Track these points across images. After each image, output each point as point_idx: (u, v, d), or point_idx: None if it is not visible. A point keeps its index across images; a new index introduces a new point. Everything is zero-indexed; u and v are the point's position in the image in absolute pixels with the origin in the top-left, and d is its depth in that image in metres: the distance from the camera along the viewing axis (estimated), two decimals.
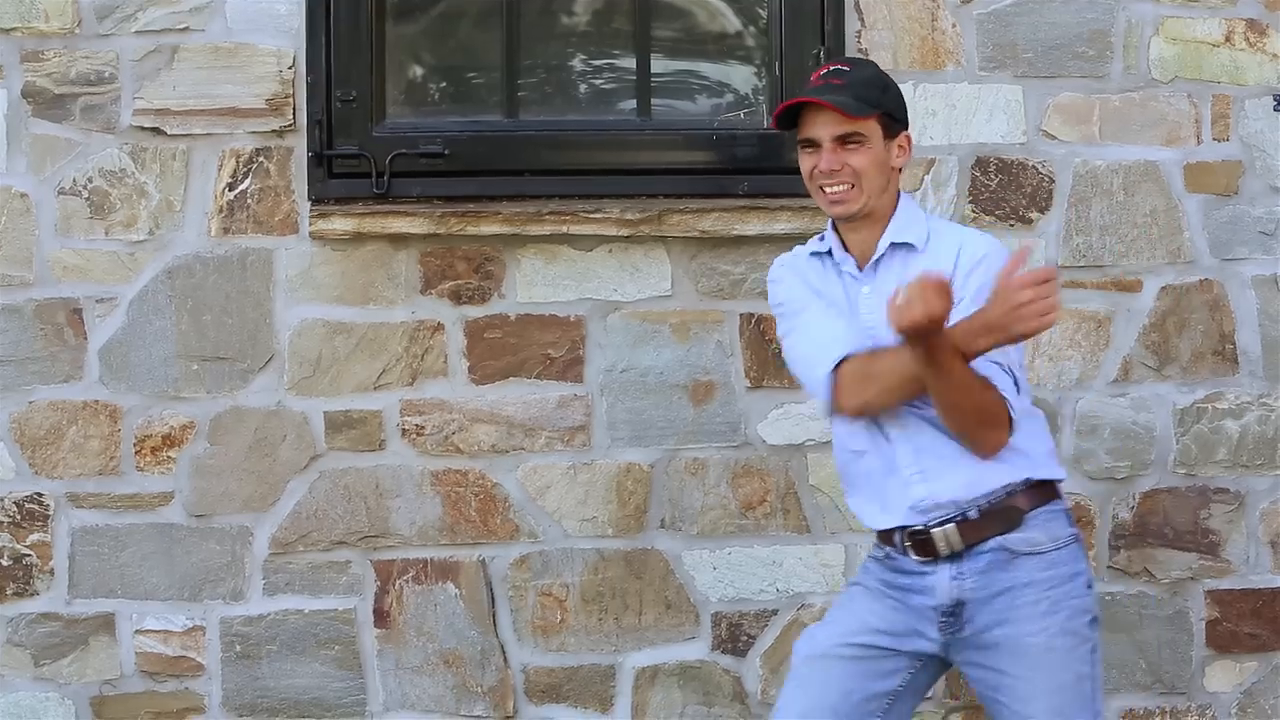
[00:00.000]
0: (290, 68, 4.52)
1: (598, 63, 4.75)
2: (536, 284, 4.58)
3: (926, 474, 3.59)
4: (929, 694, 4.48)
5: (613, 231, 4.55)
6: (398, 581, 4.59)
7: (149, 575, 4.56)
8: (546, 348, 4.58)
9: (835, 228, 3.70)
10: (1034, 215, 4.67)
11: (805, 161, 3.62)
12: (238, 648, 4.58)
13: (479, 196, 4.55)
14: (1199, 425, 4.74)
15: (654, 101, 4.69)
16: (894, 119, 3.62)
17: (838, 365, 3.54)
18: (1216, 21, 4.70)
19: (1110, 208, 4.69)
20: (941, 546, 3.59)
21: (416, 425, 4.57)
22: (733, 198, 4.57)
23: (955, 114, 4.64)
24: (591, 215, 4.54)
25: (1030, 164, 4.66)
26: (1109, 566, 4.73)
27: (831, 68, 3.67)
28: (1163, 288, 4.71)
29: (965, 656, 3.63)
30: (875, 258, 3.64)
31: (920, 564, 3.62)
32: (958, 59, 4.64)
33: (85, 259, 4.52)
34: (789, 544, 4.65)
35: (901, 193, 3.69)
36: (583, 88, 4.77)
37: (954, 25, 4.64)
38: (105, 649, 4.56)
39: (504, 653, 4.62)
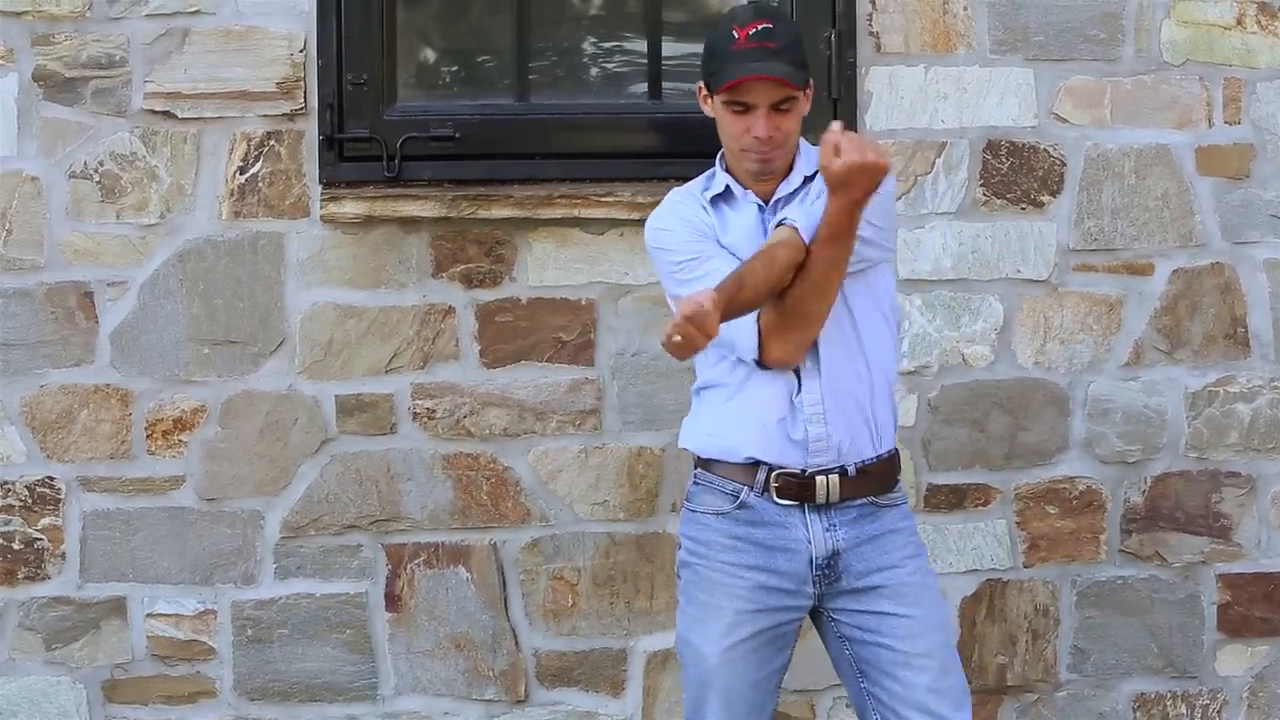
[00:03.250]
0: (301, 51, 4.51)
1: (609, 45, 4.75)
2: (548, 267, 4.58)
3: (827, 415, 3.59)
4: None
5: (624, 215, 4.55)
6: (409, 565, 4.59)
7: (160, 559, 4.56)
8: (558, 331, 4.58)
9: (728, 168, 3.68)
10: (1045, 199, 4.66)
11: (734, 123, 3.58)
12: (249, 631, 4.58)
13: (490, 180, 4.55)
14: (1210, 409, 4.73)
15: (665, 85, 4.68)
16: (808, 75, 3.62)
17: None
18: (1228, 4, 4.69)
19: (1121, 191, 4.69)
20: (820, 495, 3.59)
21: (428, 409, 4.57)
22: None
23: (966, 97, 4.64)
24: (603, 198, 4.54)
25: (1041, 147, 4.66)
26: (1120, 550, 4.73)
27: (760, 27, 3.57)
28: (1174, 271, 4.71)
29: (839, 604, 3.63)
30: (789, 191, 3.62)
31: (780, 511, 3.60)
32: (969, 42, 4.63)
33: (96, 242, 4.51)
34: None
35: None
36: (594, 71, 4.77)
37: (965, 8, 4.63)
38: (116, 633, 4.57)
39: (515, 636, 4.62)
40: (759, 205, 3.64)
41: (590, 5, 4.77)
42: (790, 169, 3.65)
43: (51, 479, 4.53)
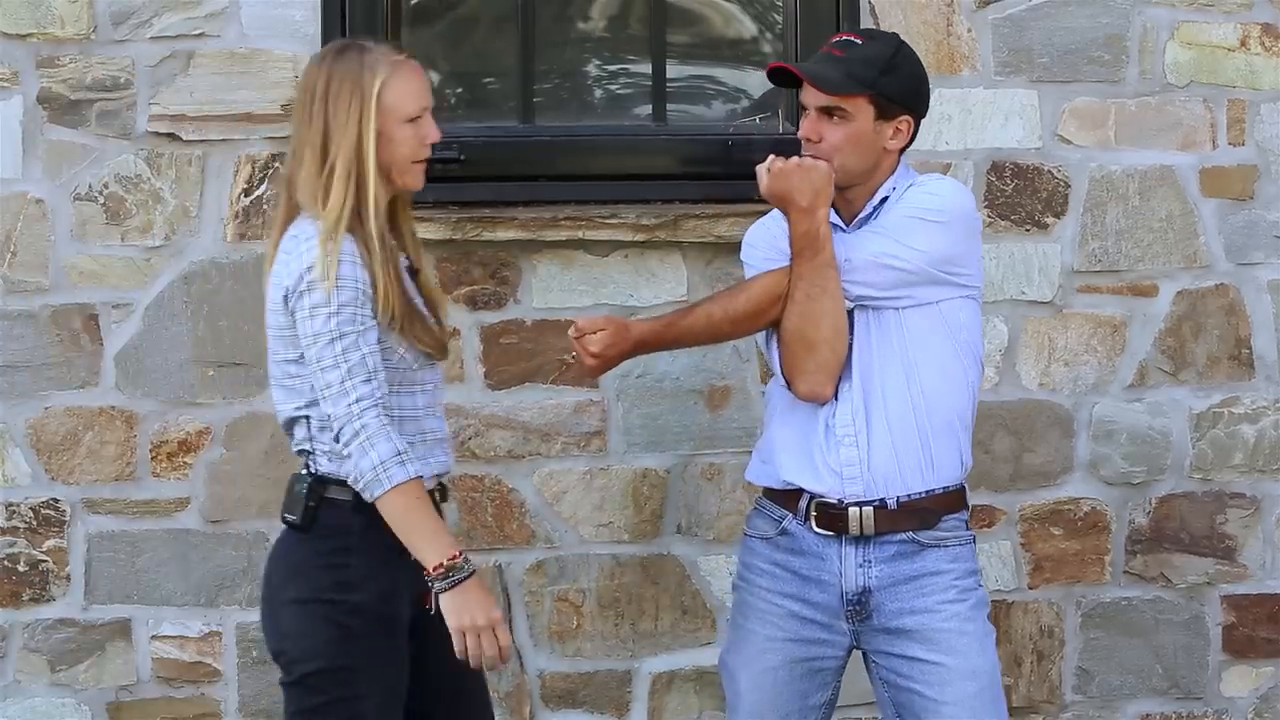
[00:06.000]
0: None
1: (613, 68, 4.76)
2: (552, 289, 4.58)
3: (860, 439, 3.56)
4: None
5: (628, 237, 4.55)
6: None
7: (165, 581, 4.55)
8: (562, 353, 4.57)
9: None
10: (1049, 220, 4.67)
11: (801, 124, 3.64)
12: (254, 653, 4.57)
13: (495, 202, 4.55)
14: (1215, 430, 4.73)
15: (669, 107, 4.68)
16: (891, 101, 3.59)
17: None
18: (1232, 26, 4.70)
19: (1126, 212, 4.69)
20: (854, 527, 3.57)
21: None
22: (748, 203, 4.52)
23: (971, 119, 4.64)
24: (607, 220, 4.54)
25: (1046, 169, 4.66)
26: (1125, 571, 4.73)
27: (841, 38, 3.67)
28: (1179, 292, 4.71)
29: (875, 645, 3.61)
30: (864, 214, 3.63)
31: (819, 541, 3.59)
32: (973, 64, 4.64)
33: (101, 265, 4.51)
34: None
35: (904, 165, 3.67)
36: (598, 93, 4.78)
37: (969, 30, 4.64)
38: (121, 655, 4.56)
39: (520, 658, 4.62)
40: (840, 228, 3.63)
41: (595, 28, 4.77)
42: (875, 191, 3.63)
43: (56, 501, 4.53)
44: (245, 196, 4.52)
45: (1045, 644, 4.71)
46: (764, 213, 4.51)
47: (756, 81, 4.73)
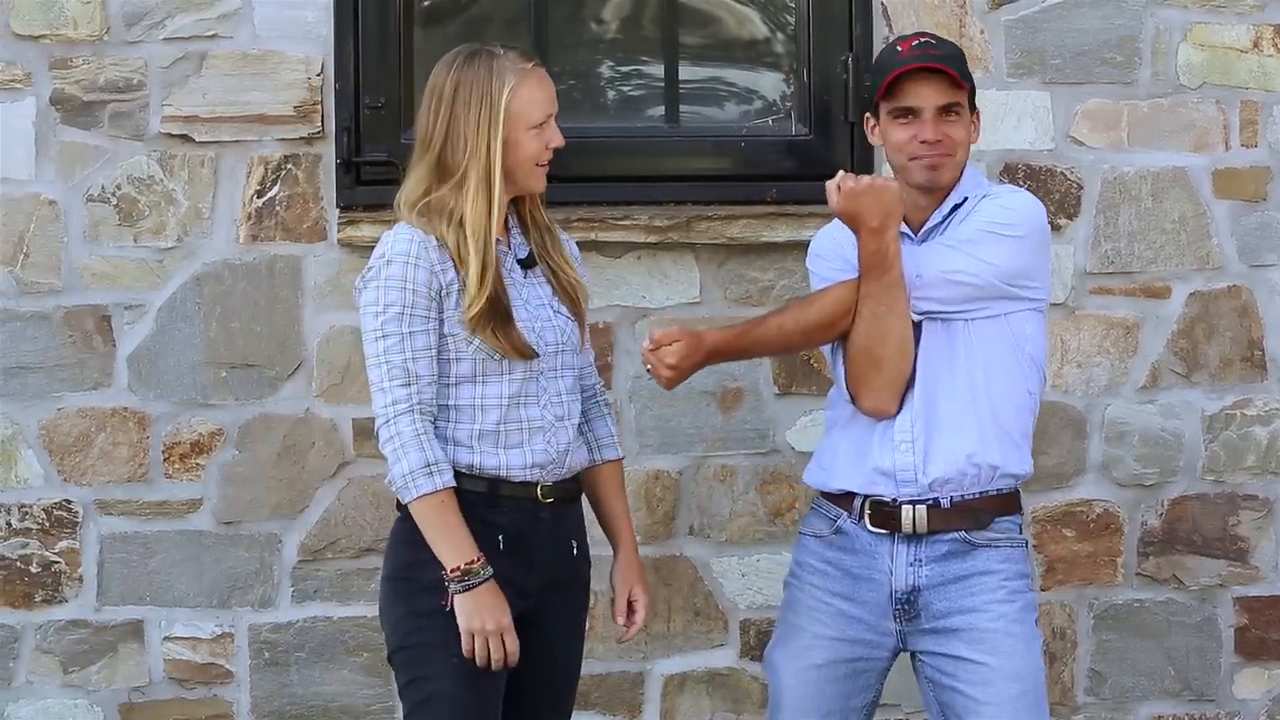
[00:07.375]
0: (318, 74, 4.52)
1: (626, 69, 4.76)
2: None
3: (917, 445, 3.58)
4: None
5: (641, 238, 4.55)
6: None
7: (178, 582, 4.56)
8: None
9: None
10: (1062, 222, 4.66)
11: (901, 132, 3.60)
12: (266, 655, 4.58)
13: None
14: (1227, 432, 4.73)
15: (682, 108, 4.68)
16: (972, 96, 3.66)
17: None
18: (1245, 27, 4.69)
19: (1138, 214, 4.69)
20: (906, 525, 3.58)
21: None
22: (761, 204, 4.57)
23: (984, 120, 4.58)
24: (620, 222, 4.54)
25: (1058, 170, 4.66)
26: (1137, 573, 4.73)
27: (922, 39, 3.66)
28: (1191, 294, 4.71)
29: (921, 645, 3.63)
30: (933, 223, 3.63)
31: (872, 540, 3.61)
32: (986, 65, 4.63)
33: (114, 266, 4.52)
34: None
35: (972, 170, 3.70)
36: (611, 94, 4.78)
37: (982, 31, 4.63)
38: (134, 656, 4.56)
39: None
40: (909, 237, 3.62)
41: (608, 29, 4.77)
42: (946, 197, 3.64)
43: (69, 502, 4.53)
44: (258, 198, 4.52)
45: (1058, 646, 4.71)
46: (774, 215, 4.56)
47: (769, 83, 4.73)
